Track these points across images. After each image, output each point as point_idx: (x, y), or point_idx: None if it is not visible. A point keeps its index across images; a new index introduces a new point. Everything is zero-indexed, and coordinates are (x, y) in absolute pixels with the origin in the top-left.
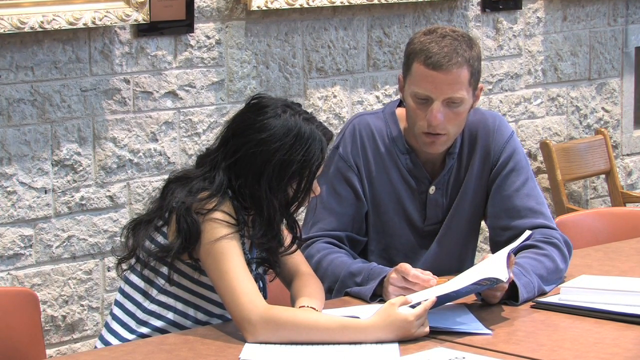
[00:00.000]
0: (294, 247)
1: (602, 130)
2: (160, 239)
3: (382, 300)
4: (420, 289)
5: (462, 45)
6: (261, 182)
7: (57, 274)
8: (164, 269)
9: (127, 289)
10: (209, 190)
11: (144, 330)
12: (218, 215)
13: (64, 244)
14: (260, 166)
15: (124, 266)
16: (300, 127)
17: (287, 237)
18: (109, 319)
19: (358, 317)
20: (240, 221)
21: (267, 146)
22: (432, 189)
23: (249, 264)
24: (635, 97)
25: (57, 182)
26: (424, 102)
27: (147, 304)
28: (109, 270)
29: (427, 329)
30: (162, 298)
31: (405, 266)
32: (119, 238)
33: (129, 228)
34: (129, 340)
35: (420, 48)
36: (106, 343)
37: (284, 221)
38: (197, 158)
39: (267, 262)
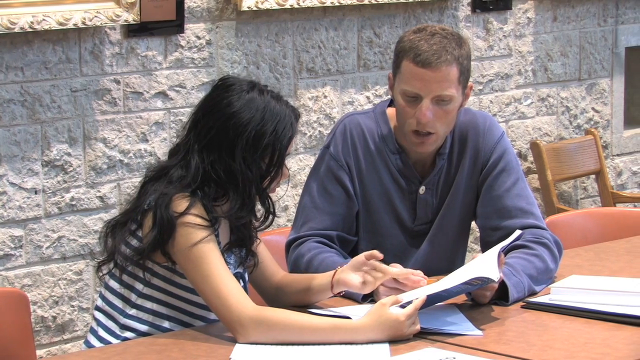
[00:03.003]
0: (269, 221)
1: (592, 130)
2: (134, 242)
3: (373, 301)
4: (411, 289)
5: (452, 44)
6: (235, 155)
7: (48, 275)
8: (142, 274)
9: (108, 295)
10: (187, 178)
11: (128, 334)
12: (191, 219)
13: (54, 245)
14: (233, 139)
15: (104, 270)
16: (269, 102)
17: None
18: (93, 324)
19: (349, 318)
20: (212, 221)
21: (238, 119)
22: (422, 189)
23: (227, 259)
24: (625, 98)
25: (47, 182)
26: (413, 100)
27: (127, 309)
28: None
29: (418, 327)
30: (142, 302)
31: (395, 267)
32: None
33: (107, 230)
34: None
35: (409, 46)
36: (91, 346)
37: (258, 197)
38: (169, 152)
39: (242, 245)
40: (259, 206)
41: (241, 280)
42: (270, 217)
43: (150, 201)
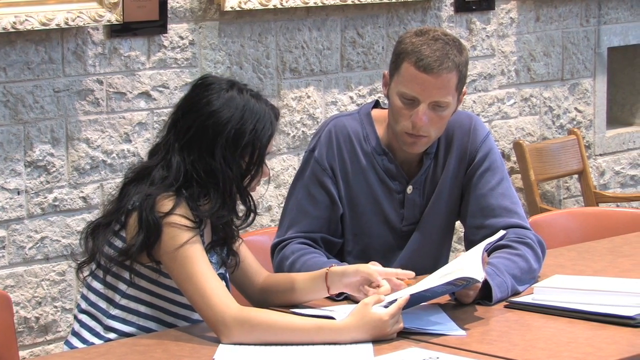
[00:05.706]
0: (250, 219)
1: (575, 130)
2: (118, 243)
3: (347, 298)
4: (405, 287)
5: (453, 50)
6: (215, 154)
7: (30, 276)
8: (126, 274)
9: (91, 296)
10: (169, 178)
11: (111, 335)
12: (176, 219)
13: (37, 245)
14: (213, 138)
15: (85, 271)
16: (249, 100)
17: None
18: (75, 325)
19: (333, 318)
20: (197, 222)
21: (217, 118)
22: (409, 189)
23: (210, 259)
24: (608, 98)
25: (30, 183)
26: (410, 102)
27: (111, 309)
28: None
29: (401, 325)
30: (126, 303)
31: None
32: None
33: (88, 231)
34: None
35: (411, 49)
36: (73, 348)
37: (238, 195)
38: (149, 152)
39: (224, 244)
40: (240, 205)
41: (223, 281)
42: (252, 215)
43: (135, 201)
